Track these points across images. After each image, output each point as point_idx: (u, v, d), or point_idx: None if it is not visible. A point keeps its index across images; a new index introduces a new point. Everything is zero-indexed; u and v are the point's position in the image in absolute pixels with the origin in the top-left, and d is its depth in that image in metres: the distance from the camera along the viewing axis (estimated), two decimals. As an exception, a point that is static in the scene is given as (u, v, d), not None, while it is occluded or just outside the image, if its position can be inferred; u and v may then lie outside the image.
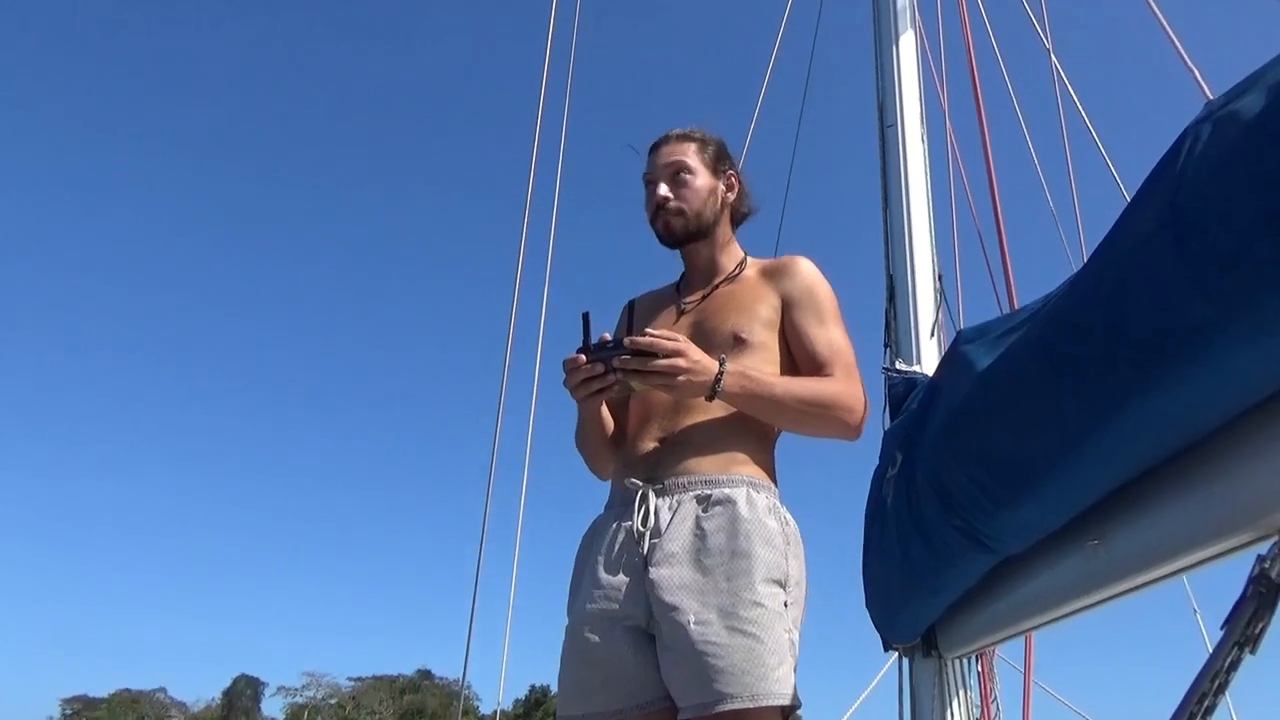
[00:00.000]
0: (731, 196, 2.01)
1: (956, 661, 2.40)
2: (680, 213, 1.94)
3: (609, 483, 1.93)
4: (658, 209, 1.94)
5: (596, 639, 1.70)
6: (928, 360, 2.97)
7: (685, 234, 1.96)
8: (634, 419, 1.89)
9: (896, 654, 2.52)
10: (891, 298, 3.22)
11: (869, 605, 2.44)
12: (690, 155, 1.96)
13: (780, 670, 1.58)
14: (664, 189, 1.93)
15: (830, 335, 1.83)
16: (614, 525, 1.77)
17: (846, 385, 1.78)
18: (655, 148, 2.00)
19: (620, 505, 1.80)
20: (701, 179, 1.95)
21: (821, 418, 1.76)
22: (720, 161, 2.00)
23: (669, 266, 2.10)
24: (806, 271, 1.90)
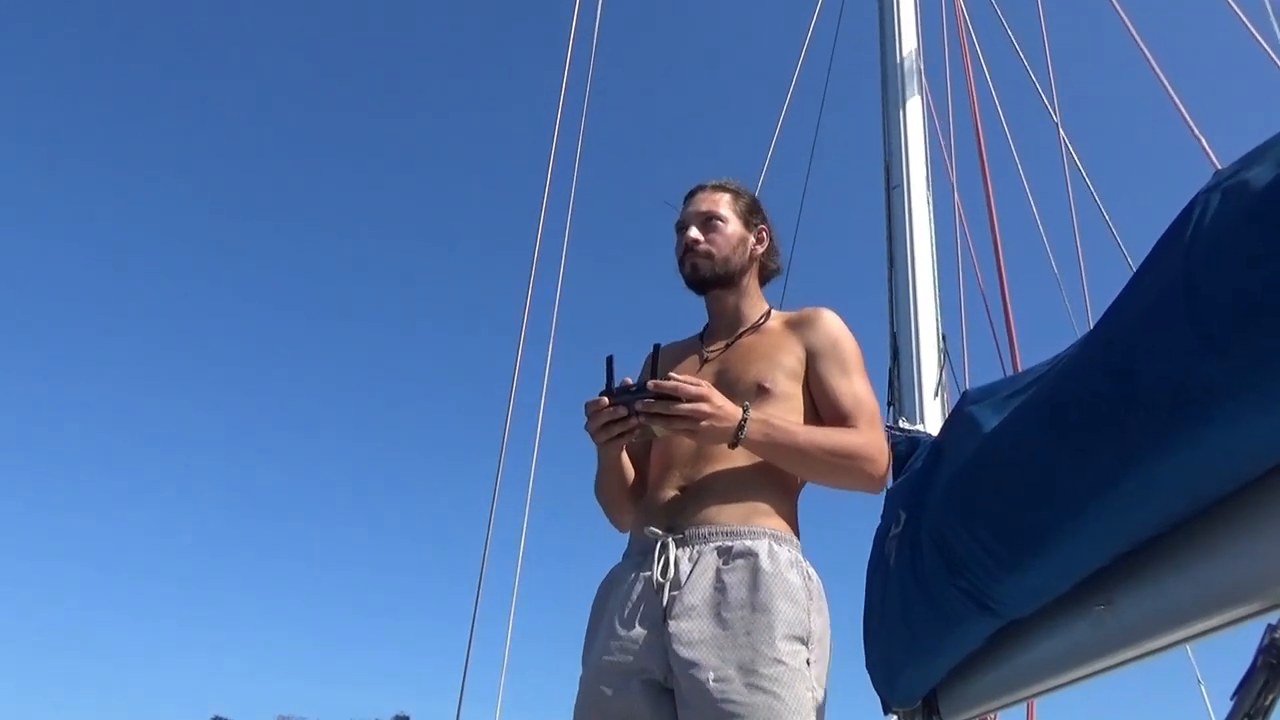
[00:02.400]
0: (760, 250, 2.02)
1: (957, 727, 2.36)
2: (709, 255, 1.95)
3: (619, 532, 1.91)
4: (686, 250, 1.96)
5: (611, 692, 1.66)
6: (931, 420, 2.97)
7: (712, 277, 1.97)
8: (655, 467, 1.87)
9: (896, 717, 2.48)
10: (895, 357, 3.23)
11: (869, 666, 2.41)
12: (723, 205, 1.99)
13: None
14: (694, 232, 1.96)
15: (854, 387, 1.82)
16: (632, 575, 1.74)
17: (870, 436, 1.76)
18: (690, 195, 2.03)
19: (639, 554, 1.76)
20: (733, 227, 1.98)
21: (845, 469, 1.74)
22: (753, 215, 2.02)
23: (678, 319, 2.11)
24: (831, 323, 1.90)
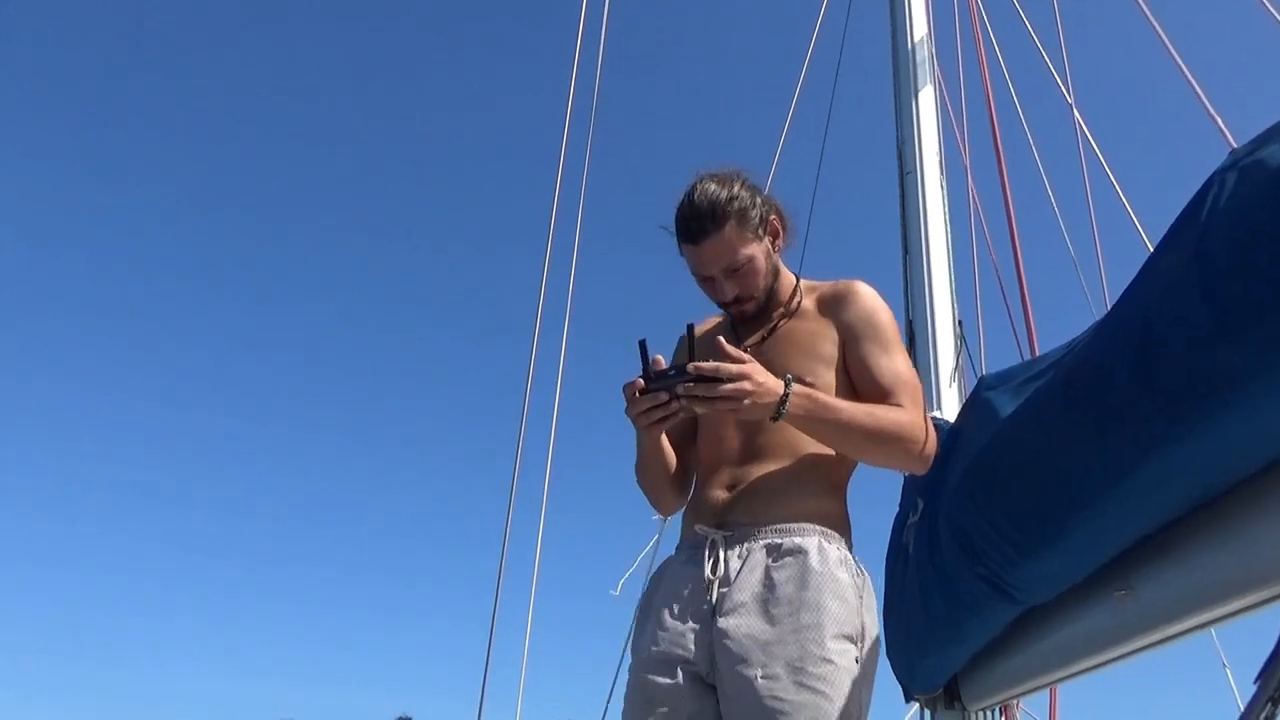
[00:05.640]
0: (780, 244, 1.95)
1: (979, 713, 2.36)
2: (752, 299, 1.89)
3: (651, 533, 1.91)
4: (728, 304, 1.90)
5: (658, 679, 1.68)
6: (948, 406, 2.96)
7: (759, 310, 1.92)
8: (704, 465, 1.86)
9: (918, 705, 2.48)
10: (911, 343, 3.21)
11: (889, 653, 2.40)
12: (737, 245, 1.82)
13: None
14: (729, 291, 1.84)
15: (894, 363, 1.78)
16: (683, 571, 1.76)
17: (914, 413, 1.72)
18: (694, 240, 1.84)
19: (689, 550, 1.78)
20: (759, 257, 1.84)
21: (889, 445, 1.70)
22: (761, 221, 1.85)
23: (694, 303, 2.06)
24: (865, 299, 1.84)
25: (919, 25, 3.83)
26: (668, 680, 1.67)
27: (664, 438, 1.87)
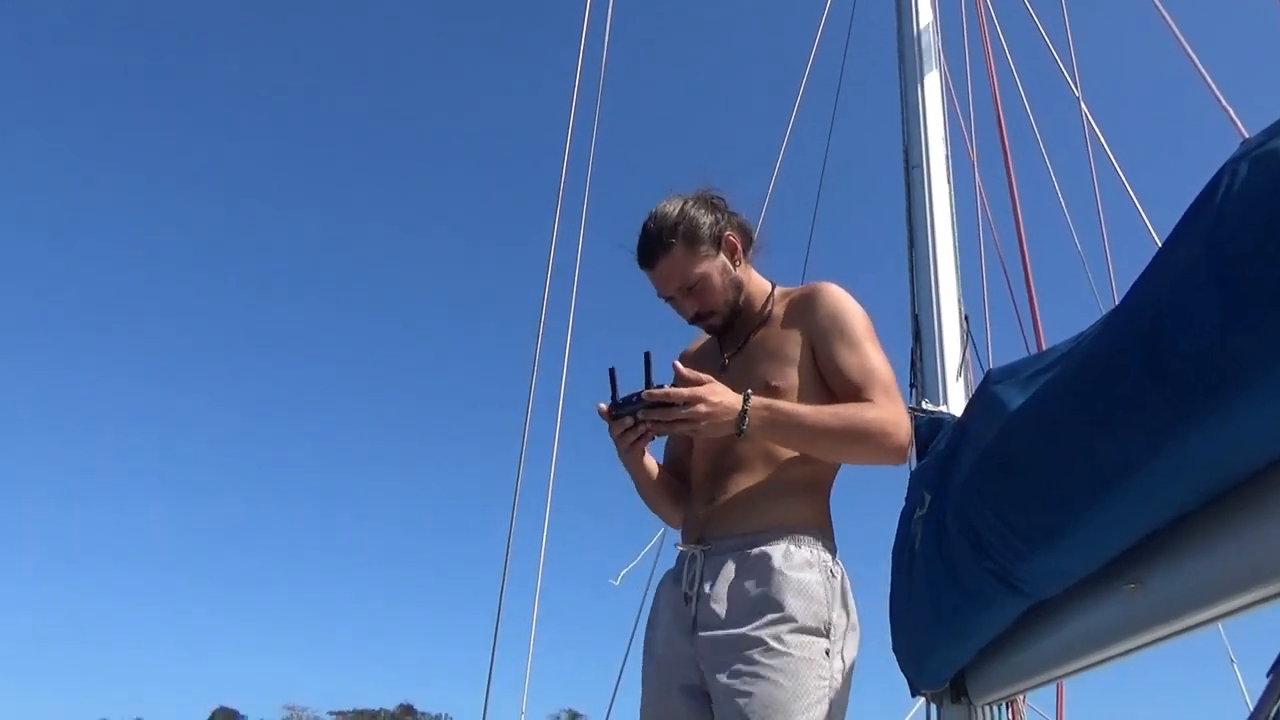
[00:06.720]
0: (740, 258, 1.95)
1: (986, 708, 2.35)
2: (714, 313, 1.94)
3: (657, 526, 2.04)
4: (693, 320, 1.95)
5: (658, 698, 1.80)
6: (954, 401, 2.95)
7: (727, 322, 1.96)
8: (693, 483, 1.94)
9: (924, 699, 2.47)
10: (917, 338, 3.20)
11: (895, 648, 2.40)
12: (687, 266, 1.87)
13: (806, 718, 1.60)
14: (690, 309, 1.93)
15: (862, 359, 1.80)
16: (670, 590, 1.86)
17: (884, 407, 1.74)
18: (646, 264, 1.90)
19: (676, 567, 1.88)
20: (714, 275, 1.89)
21: (860, 444, 1.73)
22: (711, 237, 1.88)
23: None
24: (829, 300, 1.85)
25: (924, 12, 3.81)
26: (665, 700, 1.79)
27: (648, 458, 1.95)
